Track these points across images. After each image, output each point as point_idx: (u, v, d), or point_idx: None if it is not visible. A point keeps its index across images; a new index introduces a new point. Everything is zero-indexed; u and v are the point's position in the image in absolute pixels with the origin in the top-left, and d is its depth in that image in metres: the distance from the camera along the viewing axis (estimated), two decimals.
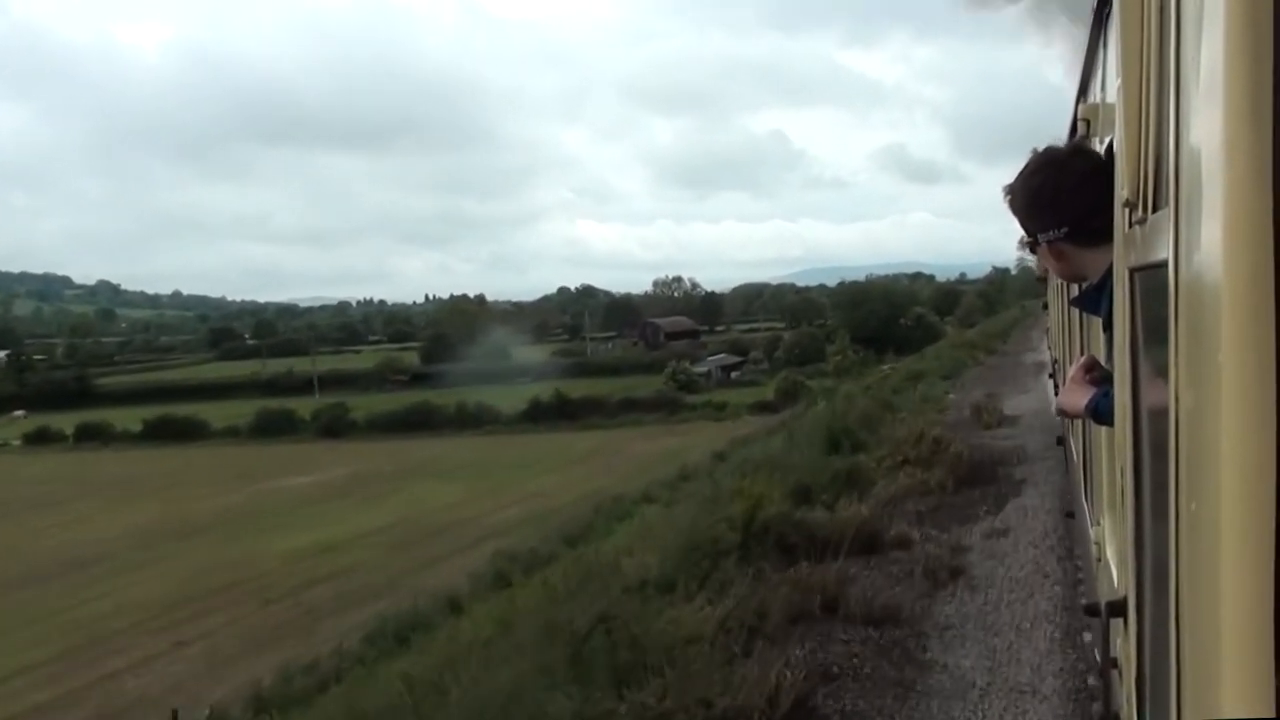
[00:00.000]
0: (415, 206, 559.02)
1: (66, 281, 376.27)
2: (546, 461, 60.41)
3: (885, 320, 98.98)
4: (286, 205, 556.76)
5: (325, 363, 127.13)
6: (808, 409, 48.25)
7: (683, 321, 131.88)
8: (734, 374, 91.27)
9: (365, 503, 51.77)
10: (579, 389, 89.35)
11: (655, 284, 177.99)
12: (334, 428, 73.84)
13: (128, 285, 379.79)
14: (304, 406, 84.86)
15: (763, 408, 71.13)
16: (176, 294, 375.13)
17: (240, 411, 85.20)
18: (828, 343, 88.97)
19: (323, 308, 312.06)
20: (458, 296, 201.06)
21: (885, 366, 54.90)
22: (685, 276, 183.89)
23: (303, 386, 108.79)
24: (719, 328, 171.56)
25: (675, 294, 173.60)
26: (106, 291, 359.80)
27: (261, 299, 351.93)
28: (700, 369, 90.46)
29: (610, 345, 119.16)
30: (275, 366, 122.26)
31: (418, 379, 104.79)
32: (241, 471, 63.19)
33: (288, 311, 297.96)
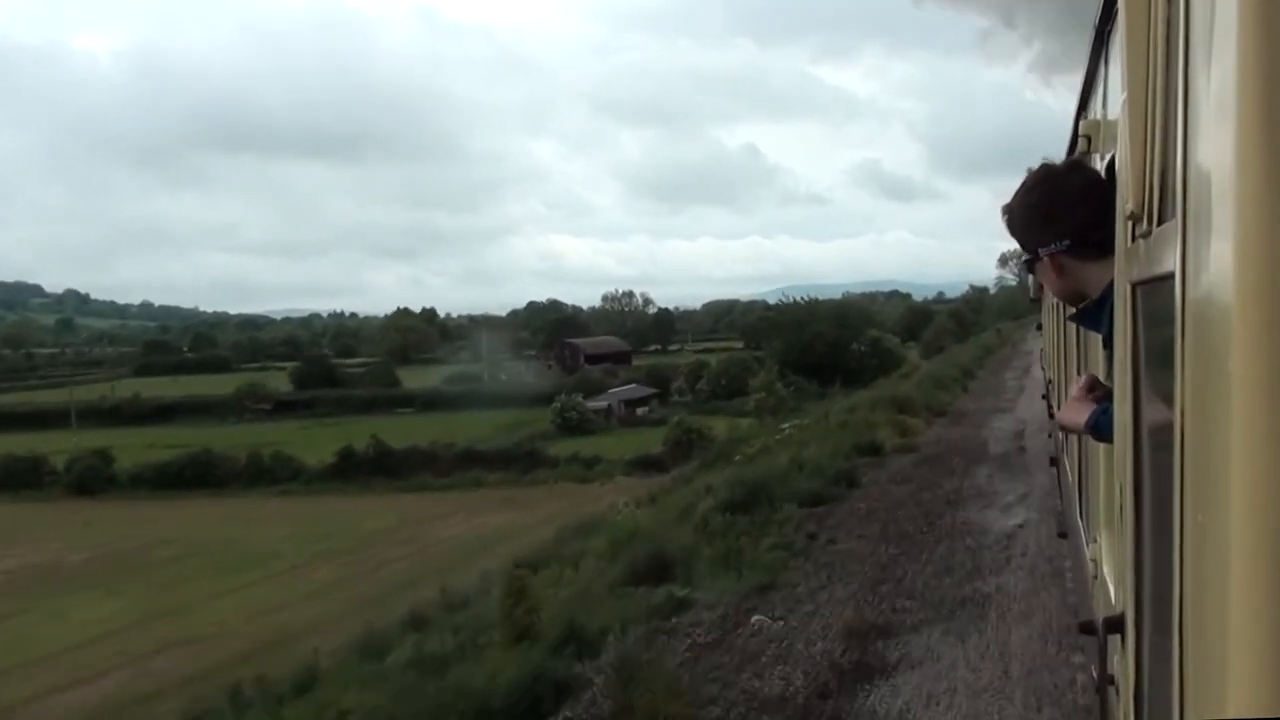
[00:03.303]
0: (385, 218, 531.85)
1: (36, 290, 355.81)
2: (307, 548, 40.29)
3: (835, 345, 78.79)
4: (255, 215, 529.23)
5: (222, 383, 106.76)
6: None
7: (609, 342, 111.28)
8: (641, 410, 70.73)
9: None
10: (457, 426, 69.38)
11: (604, 299, 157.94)
12: (88, 483, 53.50)
13: (97, 295, 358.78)
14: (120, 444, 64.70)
15: (647, 465, 51.04)
16: (146, 304, 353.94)
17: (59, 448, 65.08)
18: (758, 372, 68.66)
19: (285, 320, 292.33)
20: (399, 312, 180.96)
21: (786, 426, 34.84)
22: (637, 292, 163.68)
23: (154, 414, 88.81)
24: (672, 347, 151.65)
25: (625, 309, 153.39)
26: (74, 301, 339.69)
27: (234, 310, 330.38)
28: (598, 404, 69.96)
29: (522, 368, 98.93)
30: (135, 387, 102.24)
31: (283, 407, 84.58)
32: None
33: (250, 323, 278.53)
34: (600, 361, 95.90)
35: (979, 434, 23.06)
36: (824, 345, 77.69)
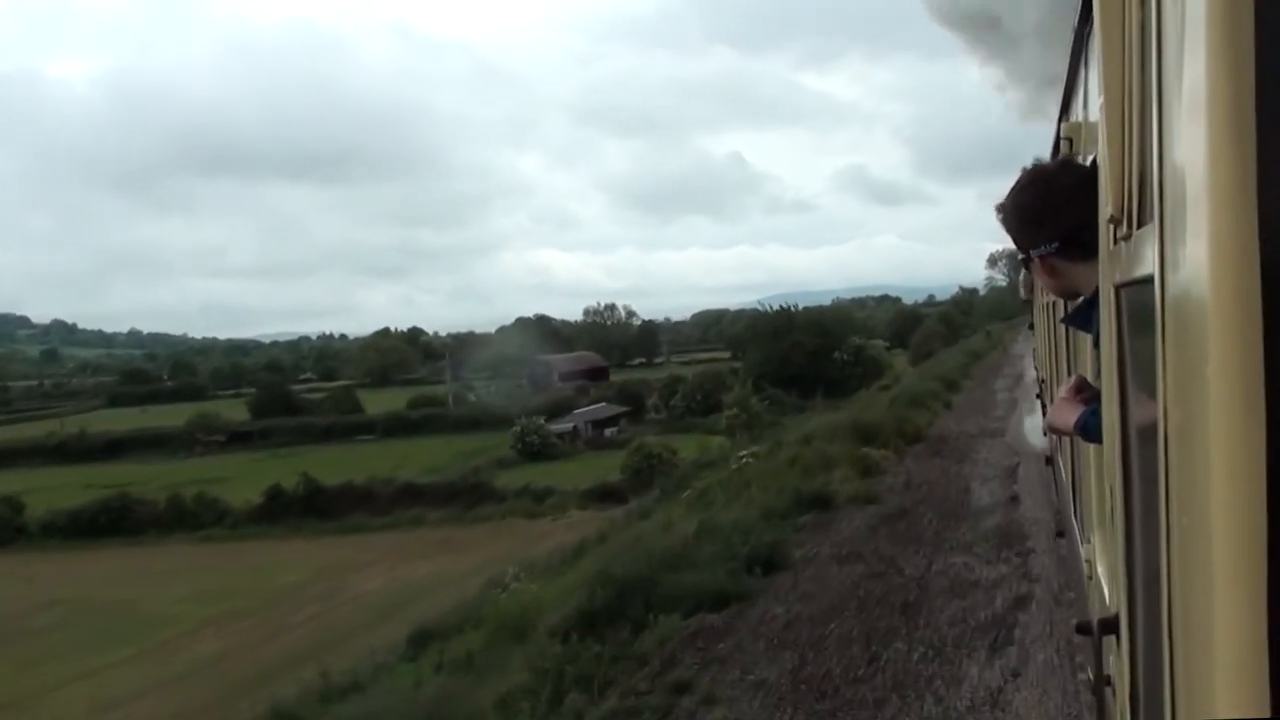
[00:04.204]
0: (373, 237, 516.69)
1: (23, 321, 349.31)
2: (205, 609, 34.90)
3: (815, 354, 73.53)
4: (241, 238, 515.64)
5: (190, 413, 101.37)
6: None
7: (586, 358, 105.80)
8: (610, 431, 65.32)
9: None
10: (416, 454, 64.26)
11: (586, 312, 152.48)
12: None
13: (84, 324, 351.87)
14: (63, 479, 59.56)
15: (605, 495, 45.73)
16: (134, 332, 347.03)
17: None
18: (734, 385, 63.29)
19: (273, 344, 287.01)
20: (380, 332, 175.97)
21: (744, 454, 29.57)
22: (620, 304, 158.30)
23: (103, 450, 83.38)
24: (658, 359, 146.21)
25: (608, 322, 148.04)
26: (61, 331, 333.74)
27: (223, 335, 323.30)
28: (563, 426, 64.55)
29: (493, 388, 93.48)
30: (106, 418, 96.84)
31: (239, 438, 79.20)
32: None
33: (238, 348, 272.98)
34: (576, 379, 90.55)
35: (960, 472, 17.80)
36: (803, 355, 72.50)
